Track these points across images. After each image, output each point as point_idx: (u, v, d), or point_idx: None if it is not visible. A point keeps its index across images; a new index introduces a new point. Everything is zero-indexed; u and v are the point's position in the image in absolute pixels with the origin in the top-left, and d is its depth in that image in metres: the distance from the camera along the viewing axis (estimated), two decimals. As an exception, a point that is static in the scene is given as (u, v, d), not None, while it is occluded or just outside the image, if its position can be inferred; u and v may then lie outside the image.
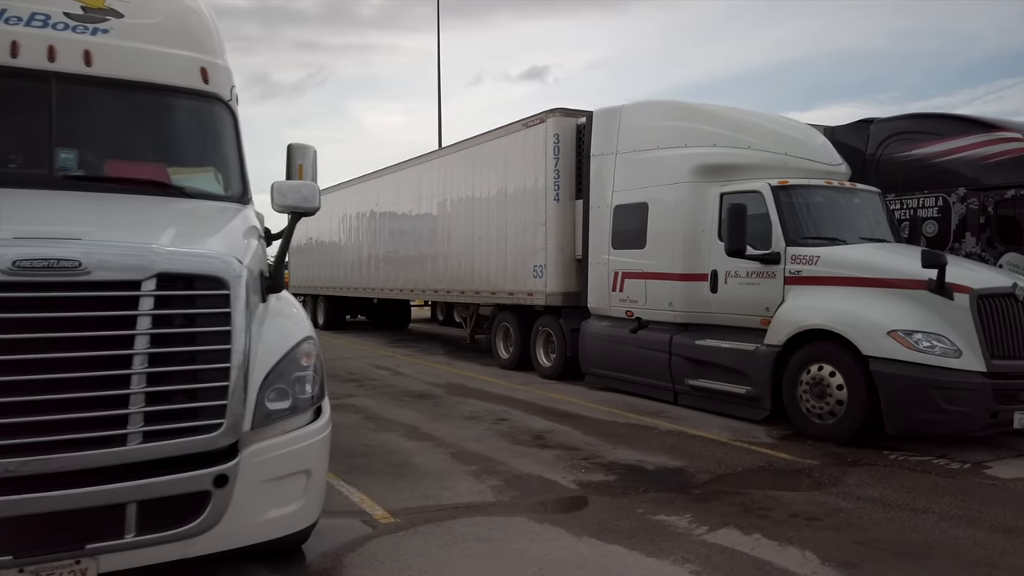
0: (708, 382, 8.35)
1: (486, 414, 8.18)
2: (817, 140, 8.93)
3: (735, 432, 7.35)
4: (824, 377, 7.03)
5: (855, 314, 6.92)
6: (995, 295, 6.53)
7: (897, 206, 10.21)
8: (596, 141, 10.20)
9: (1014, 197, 9.02)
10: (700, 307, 8.59)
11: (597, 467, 5.93)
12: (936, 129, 9.90)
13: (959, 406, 6.36)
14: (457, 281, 13.56)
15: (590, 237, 10.30)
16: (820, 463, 6.18)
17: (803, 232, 7.80)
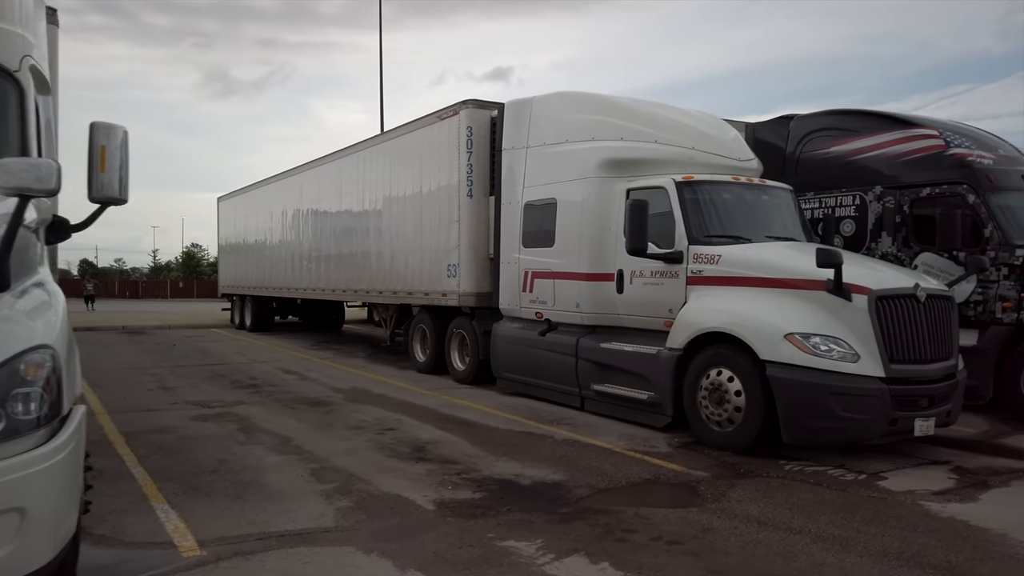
0: (612, 387, 7.95)
1: (375, 423, 7.64)
2: (728, 135, 8.60)
3: (633, 441, 6.94)
4: (723, 383, 6.66)
5: (753, 316, 6.56)
6: (895, 296, 6.23)
7: (816, 204, 9.98)
8: (507, 135, 9.73)
9: (929, 196, 8.83)
10: (607, 308, 8.18)
11: (468, 483, 5.44)
12: (854, 126, 9.68)
13: (856, 413, 6.04)
14: (376, 281, 12.98)
15: (501, 235, 9.83)
16: (710, 475, 5.79)
17: (707, 230, 7.44)
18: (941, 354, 6.40)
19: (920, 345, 6.27)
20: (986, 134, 9.57)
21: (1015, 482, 5.61)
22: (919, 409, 6.24)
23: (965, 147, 8.78)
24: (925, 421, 6.25)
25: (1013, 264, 8.15)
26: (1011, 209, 8.52)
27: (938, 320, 6.41)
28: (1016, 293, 8.07)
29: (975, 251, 8.37)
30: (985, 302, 8.31)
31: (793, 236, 7.88)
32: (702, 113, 8.93)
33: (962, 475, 5.86)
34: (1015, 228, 8.37)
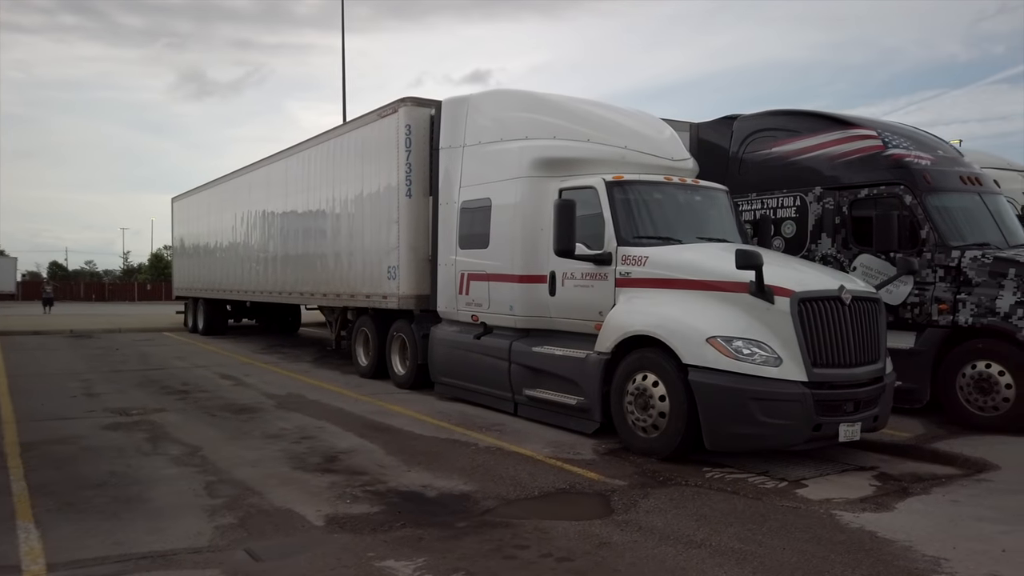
0: (543, 392, 7.73)
1: (295, 431, 7.35)
2: (663, 134, 8.42)
3: (559, 448, 6.73)
4: (647, 387, 6.47)
5: (677, 319, 6.38)
6: (818, 298, 6.08)
7: (758, 206, 9.86)
8: (445, 133, 9.50)
9: (868, 197, 8.73)
10: (540, 311, 7.96)
11: (370, 496, 5.18)
12: (795, 126, 9.58)
13: (778, 418, 5.87)
14: (320, 283, 12.67)
15: (439, 237, 9.58)
16: (627, 484, 5.59)
17: (637, 231, 7.25)
18: (867, 357, 6.26)
19: (844, 348, 6.12)
20: (926, 135, 9.52)
21: (936, 489, 5.48)
22: (844, 414, 6.09)
23: (903, 148, 8.70)
24: (850, 426, 6.11)
25: (949, 266, 8.07)
26: (948, 210, 8.45)
27: (864, 323, 6.27)
28: (951, 295, 7.99)
29: (912, 253, 8.30)
30: (922, 304, 8.22)
31: (727, 237, 7.73)
32: (639, 112, 8.76)
33: (884, 482, 5.72)
34: (952, 229, 8.30)
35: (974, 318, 7.77)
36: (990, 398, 7.58)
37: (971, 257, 7.97)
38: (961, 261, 8.00)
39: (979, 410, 7.66)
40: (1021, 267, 7.68)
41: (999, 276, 7.76)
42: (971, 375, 7.72)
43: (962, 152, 9.48)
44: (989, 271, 7.83)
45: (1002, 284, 7.73)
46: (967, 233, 8.39)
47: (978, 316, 7.75)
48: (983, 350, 7.71)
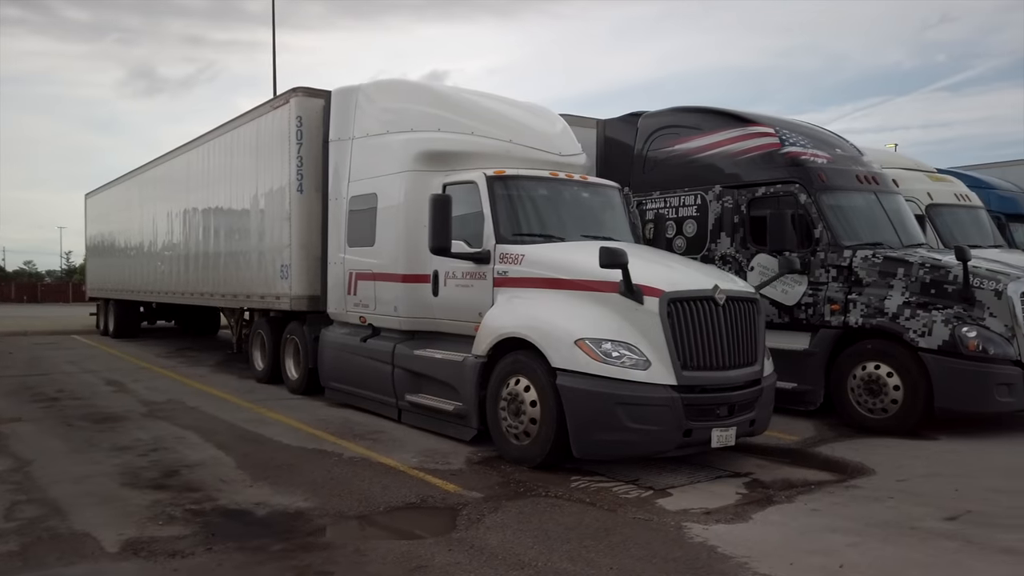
0: (423, 397, 7.34)
1: (150, 443, 6.81)
2: (553, 128, 8.12)
3: (430, 457, 6.36)
4: (519, 392, 6.14)
5: (548, 320, 6.07)
6: (689, 298, 5.82)
7: (661, 204, 9.66)
8: (334, 125, 9.03)
9: (764, 196, 8.59)
10: (424, 312, 7.57)
11: (189, 516, 4.71)
12: (696, 123, 9.40)
13: (646, 424, 5.60)
14: (220, 283, 12.05)
15: (329, 234, 9.12)
16: (483, 496, 5.24)
17: (517, 228, 6.93)
18: (742, 359, 6.04)
19: (718, 350, 5.88)
20: (827, 133, 9.45)
21: (802, 497, 5.26)
22: (717, 419, 5.85)
23: (800, 145, 8.58)
24: (724, 431, 5.87)
25: (841, 265, 7.96)
26: (842, 209, 8.36)
27: (739, 324, 6.04)
28: (843, 295, 7.88)
29: (806, 252, 8.18)
30: (815, 304, 8.10)
31: (617, 236, 7.45)
32: (533, 105, 8.44)
33: (753, 489, 5.49)
34: (845, 228, 8.20)
35: (864, 318, 7.67)
36: (879, 400, 7.48)
37: (862, 257, 7.87)
38: (853, 261, 7.90)
39: (869, 412, 7.56)
40: (910, 267, 7.61)
41: (888, 276, 7.68)
42: (861, 376, 7.61)
43: (862, 151, 9.43)
44: (879, 271, 7.74)
45: (891, 284, 7.65)
46: (861, 232, 8.31)
47: (868, 316, 7.64)
48: (873, 351, 7.60)
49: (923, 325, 7.23)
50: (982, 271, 7.38)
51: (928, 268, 7.52)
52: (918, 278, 7.51)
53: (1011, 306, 7.10)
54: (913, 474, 5.82)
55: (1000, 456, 6.34)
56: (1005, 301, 7.12)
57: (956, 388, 7.04)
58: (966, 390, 7.02)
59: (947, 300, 7.35)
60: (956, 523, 4.58)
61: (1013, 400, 7.07)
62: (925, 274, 7.49)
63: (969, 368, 6.99)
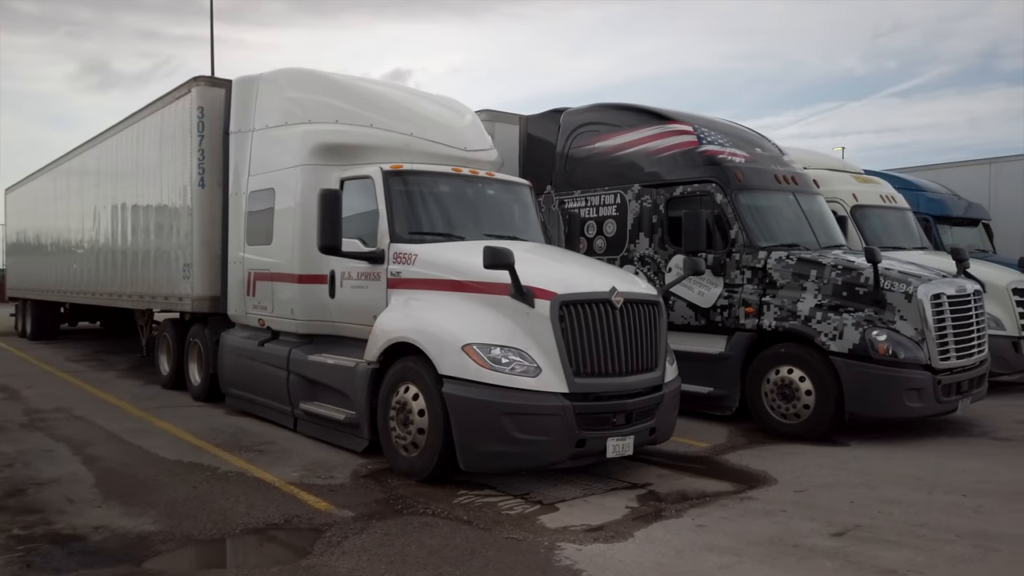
0: (317, 406, 6.92)
1: (12, 456, 6.26)
2: (460, 122, 7.75)
3: (314, 471, 5.94)
4: (408, 401, 5.77)
5: (437, 324, 5.70)
6: (583, 301, 5.51)
7: (582, 204, 9.38)
8: (235, 116, 8.54)
9: (682, 195, 8.36)
10: (321, 315, 7.15)
11: (12, 543, 4.25)
12: (616, 120, 9.14)
13: (535, 434, 5.27)
14: (128, 282, 11.40)
15: (229, 231, 8.62)
16: (355, 515, 4.85)
17: (414, 226, 6.56)
18: (641, 365, 5.75)
19: (614, 355, 5.58)
20: (749, 132, 9.28)
21: (692, 511, 4.99)
22: (612, 427, 5.56)
23: (717, 144, 8.37)
24: (620, 440, 5.58)
25: (756, 267, 7.77)
26: (759, 209, 8.18)
27: (639, 327, 5.75)
28: (757, 297, 7.69)
29: (722, 253, 7.97)
30: (730, 307, 7.90)
31: (522, 235, 7.13)
32: (442, 98, 8.06)
33: (645, 502, 5.21)
34: (761, 229, 8.02)
35: (777, 321, 7.48)
36: (792, 405, 7.29)
37: (776, 258, 7.69)
38: (767, 262, 7.71)
39: (782, 417, 7.37)
40: (822, 269, 7.45)
41: (801, 278, 7.51)
42: (775, 381, 7.42)
43: (784, 151, 9.28)
44: (792, 272, 7.57)
45: (804, 286, 7.48)
46: (778, 233, 8.14)
47: (781, 320, 7.46)
48: (786, 355, 7.42)
49: (834, 328, 7.06)
50: (893, 273, 7.25)
51: (840, 270, 7.36)
52: (830, 280, 7.35)
53: (921, 309, 6.97)
54: (813, 484, 5.61)
55: (905, 464, 6.18)
56: (915, 304, 6.99)
57: (866, 393, 6.89)
58: (876, 395, 6.88)
59: (859, 303, 7.20)
60: (842, 539, 4.35)
61: (923, 405, 6.94)
62: (837, 276, 7.34)
63: (879, 373, 6.84)
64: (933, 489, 5.39)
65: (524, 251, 6.52)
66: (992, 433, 7.30)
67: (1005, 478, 5.68)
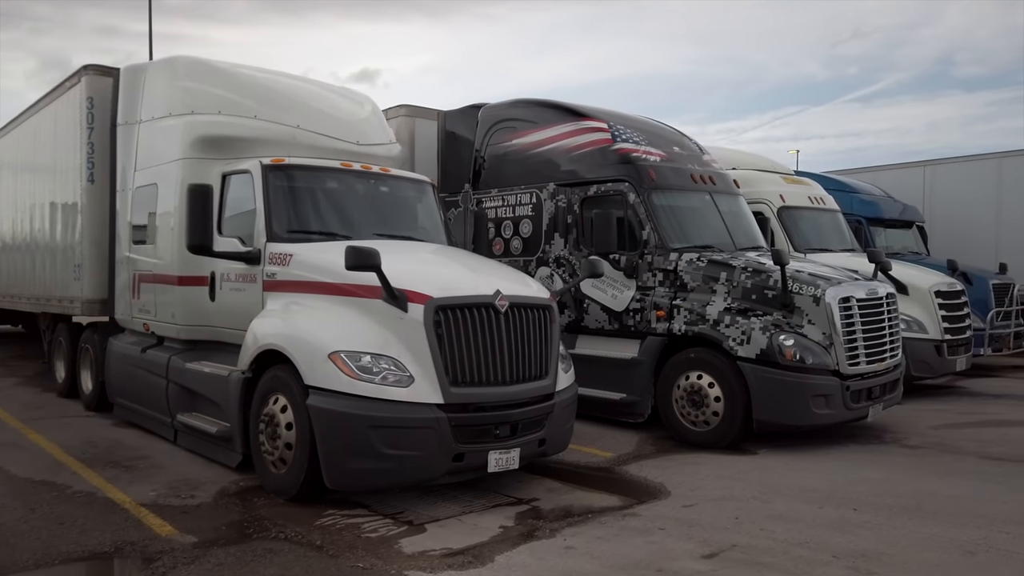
0: (193, 417, 6.45)
1: None
2: (357, 114, 7.32)
3: (177, 489, 5.49)
4: (276, 413, 5.34)
5: (306, 330, 5.30)
6: (462, 305, 5.14)
7: (499, 203, 9.03)
8: (123, 107, 8.00)
9: (596, 195, 8.06)
10: (203, 319, 6.67)
11: None
12: (532, 116, 8.82)
13: (406, 449, 4.90)
14: (26, 284, 10.71)
15: (117, 230, 8.08)
16: (197, 541, 4.42)
17: (294, 224, 6.14)
18: (529, 373, 5.40)
19: (497, 363, 5.22)
20: (668, 130, 9.03)
21: (568, 530, 4.66)
22: (494, 440, 5.20)
23: (632, 142, 8.09)
24: (504, 454, 5.22)
25: (667, 269, 7.50)
26: (673, 210, 7.92)
27: (526, 333, 5.40)
28: (668, 300, 7.42)
29: (634, 255, 7.69)
30: (643, 310, 7.62)
31: (419, 235, 6.76)
32: (340, 88, 7.64)
33: (522, 521, 4.86)
34: (675, 230, 7.75)
35: (687, 325, 7.22)
36: (701, 412, 7.02)
37: (687, 260, 7.42)
38: (678, 264, 7.45)
39: (692, 425, 7.10)
40: (732, 271, 7.20)
41: (712, 280, 7.26)
42: (685, 387, 7.15)
43: (705, 150, 9.04)
44: (703, 275, 7.31)
45: (714, 289, 7.23)
46: (692, 234, 7.88)
47: (690, 324, 7.19)
48: (695, 360, 7.15)
49: (742, 333, 6.81)
50: (803, 276, 7.04)
51: (750, 272, 7.13)
52: (740, 283, 7.11)
53: (829, 313, 6.76)
54: (706, 497, 5.33)
55: (806, 474, 5.94)
56: (823, 308, 6.77)
57: (773, 400, 6.65)
58: (783, 402, 6.64)
59: (768, 306, 6.97)
60: (711, 562, 4.06)
61: (831, 412, 6.72)
62: (747, 279, 7.10)
63: (786, 379, 6.60)
64: (826, 502, 5.13)
65: (411, 251, 6.18)
66: (903, 440, 7.12)
67: (903, 489, 5.46)
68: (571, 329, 8.28)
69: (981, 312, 11.65)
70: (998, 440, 7.04)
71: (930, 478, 5.73)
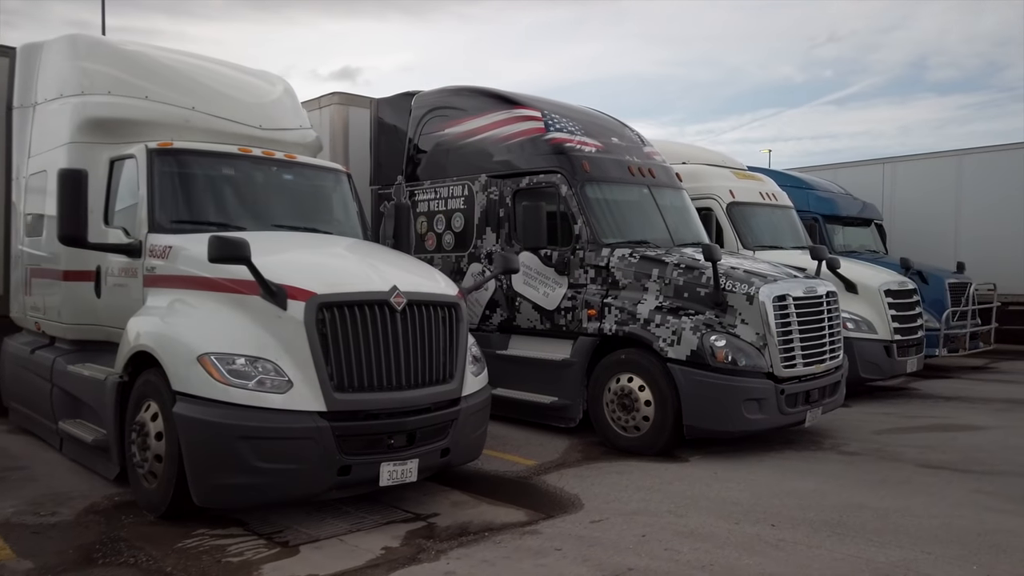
0: (73, 424, 5.92)
1: None
2: (264, 96, 6.77)
3: (38, 505, 4.98)
4: (147, 421, 4.84)
5: (177, 330, 4.80)
6: (350, 302, 4.67)
7: (432, 196, 8.57)
8: (19, 89, 7.40)
9: (528, 187, 7.62)
10: (89, 317, 6.13)
11: None
12: (465, 104, 8.36)
13: (283, 462, 4.41)
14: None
15: (12, 221, 7.49)
16: (32, 566, 3.93)
17: (181, 214, 5.63)
18: (429, 376, 4.94)
19: (391, 366, 4.76)
20: (609, 120, 8.61)
21: (454, 552, 4.22)
22: (387, 451, 4.74)
23: (567, 131, 7.66)
24: (399, 465, 4.76)
25: (599, 265, 7.08)
26: (608, 203, 7.50)
27: (427, 333, 4.95)
28: (600, 299, 7.00)
29: (567, 250, 7.27)
30: (574, 309, 7.20)
31: (328, 228, 6.27)
32: (249, 69, 7.09)
33: (408, 542, 4.41)
34: (609, 225, 7.34)
35: (618, 325, 6.81)
36: (632, 416, 6.62)
37: (619, 256, 7.02)
38: (610, 260, 7.04)
39: (623, 430, 6.70)
40: (664, 268, 6.80)
41: (643, 277, 6.85)
42: (615, 390, 6.74)
43: (647, 142, 8.65)
44: (634, 272, 6.90)
45: (646, 287, 6.83)
46: (628, 229, 7.48)
47: (621, 323, 6.79)
48: (626, 361, 6.75)
49: (672, 333, 6.42)
50: (738, 273, 6.65)
51: (683, 269, 6.73)
52: (672, 280, 6.71)
53: (763, 312, 6.38)
54: (619, 510, 4.91)
55: (732, 484, 5.55)
56: (757, 306, 6.39)
57: (704, 404, 6.26)
58: (713, 406, 6.25)
59: (700, 305, 6.58)
60: (600, 589, 3.64)
61: (764, 417, 6.33)
62: (679, 276, 6.70)
63: (716, 382, 6.21)
64: (744, 518, 4.74)
65: (307, 244, 5.72)
66: (842, 446, 6.77)
67: (830, 501, 5.08)
68: (504, 329, 7.86)
69: (937, 312, 11.42)
70: (941, 446, 6.71)
71: (861, 489, 5.36)
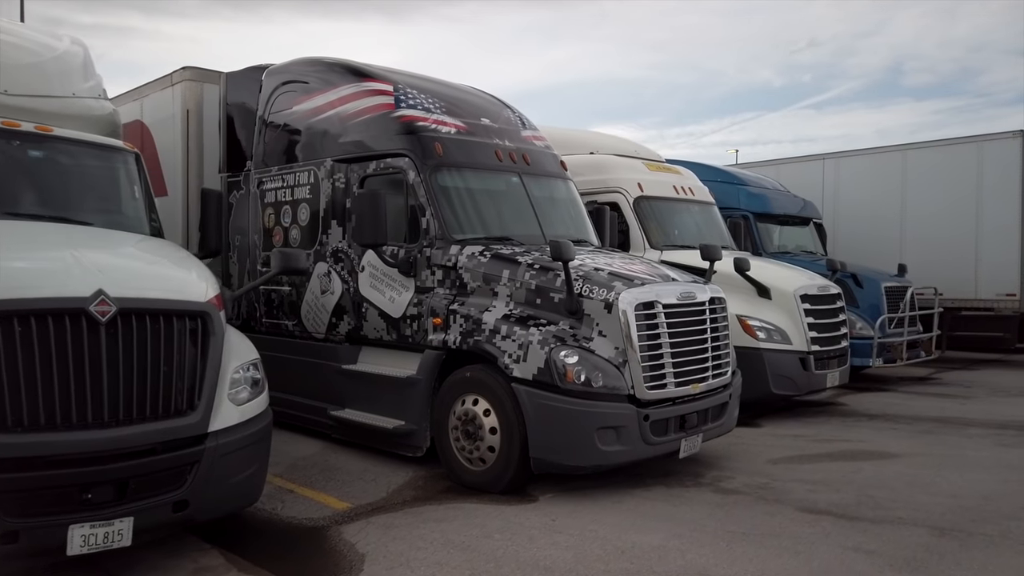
0: None
1: None
2: (22, 59, 5.46)
3: None
4: None
5: None
6: (24, 312, 3.51)
7: (279, 184, 7.42)
8: None
9: (375, 173, 6.51)
10: None
11: None
12: (311, 78, 7.23)
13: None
14: None
15: None
16: None
17: None
18: (147, 409, 3.79)
19: (88, 396, 3.61)
20: (485, 99, 7.52)
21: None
22: (80, 509, 3.59)
23: (422, 108, 6.55)
24: (102, 527, 3.63)
25: (446, 266, 5.98)
26: (464, 192, 6.42)
27: (151, 352, 3.80)
28: (446, 305, 5.90)
29: (414, 248, 6.17)
30: (420, 317, 6.10)
31: (88, 218, 5.07)
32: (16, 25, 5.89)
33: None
34: (463, 218, 6.26)
35: (462, 337, 5.72)
36: (476, 446, 5.54)
37: (468, 255, 5.93)
38: (458, 260, 5.94)
39: (468, 462, 5.61)
40: (517, 268, 5.72)
41: (493, 280, 5.77)
42: (459, 414, 5.66)
43: (530, 124, 7.56)
44: (483, 273, 5.81)
45: (495, 291, 5.74)
46: (488, 224, 6.41)
47: (466, 334, 5.70)
48: (471, 380, 5.66)
49: (519, 347, 5.34)
50: (599, 277, 5.58)
51: (536, 271, 5.66)
52: (523, 284, 5.63)
53: (623, 322, 5.31)
54: None
55: (562, 539, 4.47)
56: (616, 315, 5.32)
57: (551, 433, 5.18)
58: (562, 436, 5.17)
59: (554, 313, 5.51)
60: None
61: (624, 449, 5.25)
62: (531, 279, 5.62)
63: (565, 406, 5.13)
64: (547, 592, 3.67)
65: (17, 235, 4.52)
66: (724, 480, 5.72)
67: (669, 566, 4.02)
68: (353, 339, 6.74)
69: (873, 318, 10.51)
70: (837, 481, 5.68)
71: (716, 546, 4.30)
